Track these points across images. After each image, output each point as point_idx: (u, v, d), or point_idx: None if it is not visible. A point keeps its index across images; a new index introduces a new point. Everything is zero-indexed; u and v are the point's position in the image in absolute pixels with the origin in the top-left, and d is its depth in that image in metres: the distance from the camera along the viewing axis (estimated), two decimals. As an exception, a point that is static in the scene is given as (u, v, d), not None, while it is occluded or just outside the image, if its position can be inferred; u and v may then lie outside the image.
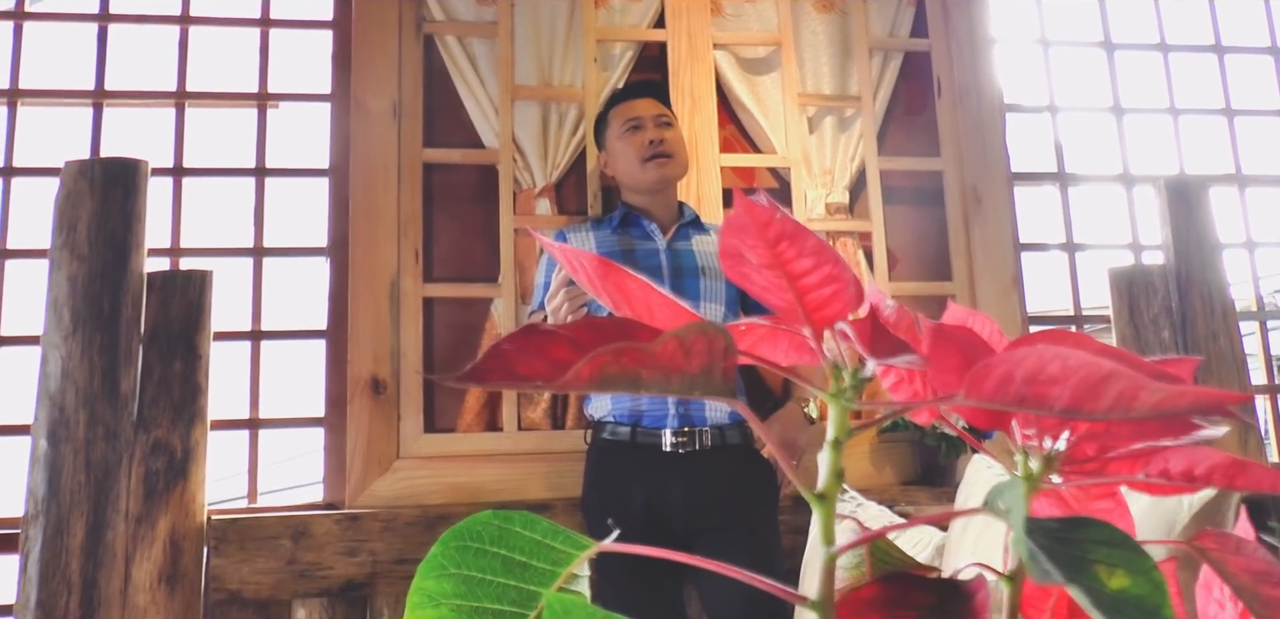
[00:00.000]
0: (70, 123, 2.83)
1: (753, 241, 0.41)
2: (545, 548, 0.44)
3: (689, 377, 0.38)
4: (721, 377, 0.38)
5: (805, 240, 0.41)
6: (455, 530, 0.45)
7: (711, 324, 0.38)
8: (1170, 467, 0.45)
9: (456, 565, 0.43)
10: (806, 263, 0.42)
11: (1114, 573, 0.32)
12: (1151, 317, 3.11)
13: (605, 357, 0.35)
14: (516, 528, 0.44)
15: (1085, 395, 0.35)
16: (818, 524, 0.43)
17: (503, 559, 0.43)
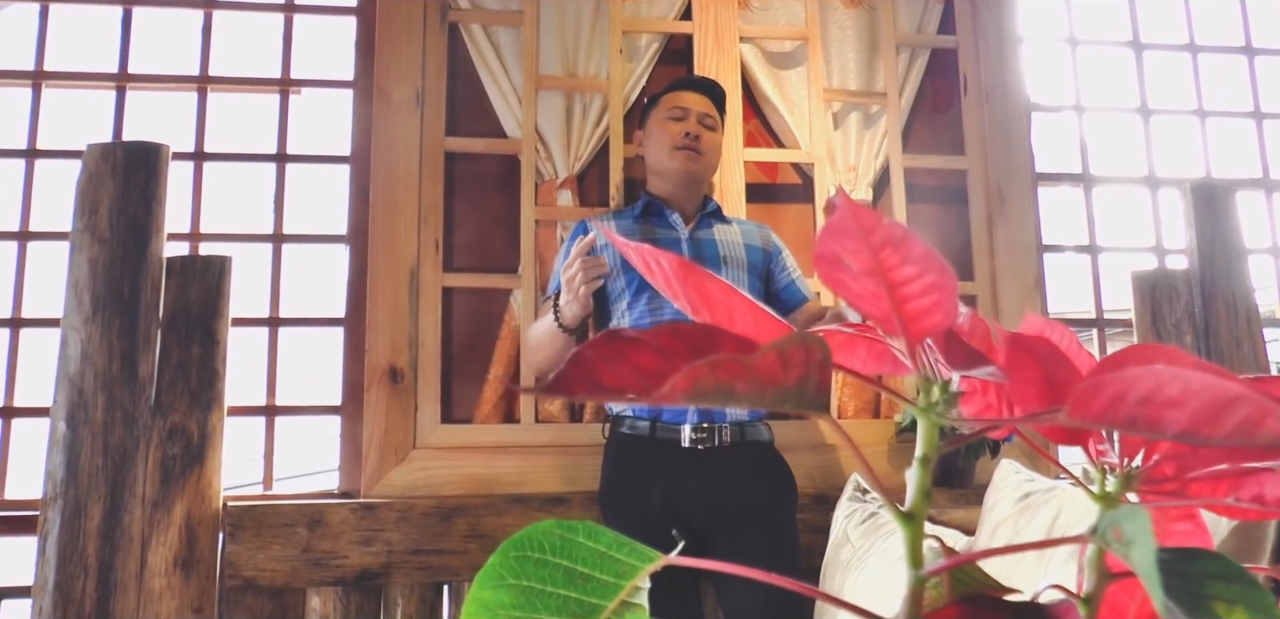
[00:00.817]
0: (93, 106, 2.83)
1: (855, 247, 0.39)
2: (609, 560, 0.42)
3: (784, 390, 0.36)
4: (815, 389, 0.37)
5: (911, 248, 0.38)
6: (516, 540, 0.43)
7: (809, 335, 0.36)
8: (1265, 492, 0.43)
9: (516, 576, 0.42)
10: (910, 271, 0.39)
11: (1233, 611, 0.31)
12: (1174, 321, 3.08)
13: (701, 370, 0.33)
14: (580, 538, 0.42)
15: (1205, 420, 0.33)
16: (907, 545, 0.41)
17: (565, 570, 0.42)
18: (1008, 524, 1.28)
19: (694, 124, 2.52)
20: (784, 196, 3.08)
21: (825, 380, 0.37)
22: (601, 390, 0.35)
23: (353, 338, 2.76)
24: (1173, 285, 3.11)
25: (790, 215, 3.05)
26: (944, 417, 0.42)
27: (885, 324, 0.42)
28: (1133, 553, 0.31)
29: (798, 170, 3.10)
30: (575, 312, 2.29)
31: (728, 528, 2.36)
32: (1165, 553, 0.34)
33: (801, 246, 3.01)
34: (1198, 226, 3.16)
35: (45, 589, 2.42)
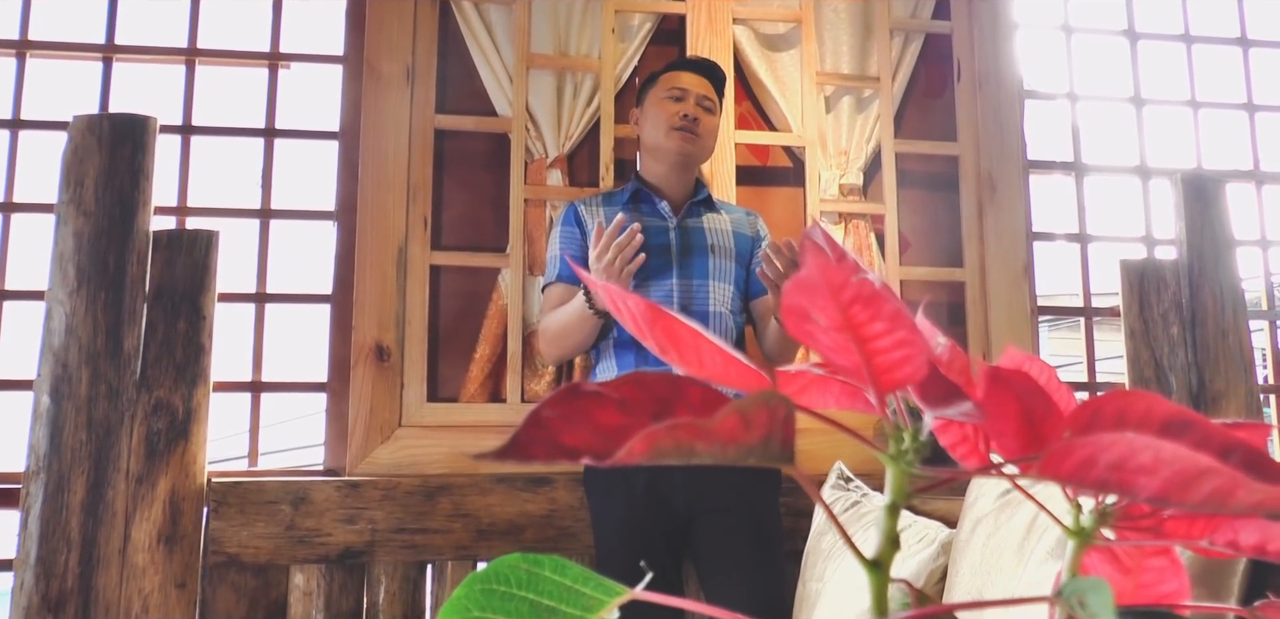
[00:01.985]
0: (79, 77, 2.80)
1: (824, 303, 0.38)
2: (575, 594, 0.42)
3: (747, 447, 0.35)
4: (780, 445, 0.36)
5: (882, 305, 0.38)
6: (482, 574, 0.43)
7: (773, 394, 0.36)
8: (1240, 539, 0.43)
9: (481, 609, 0.41)
10: (880, 327, 0.39)
11: None
12: (1161, 311, 3.09)
13: (660, 433, 0.33)
14: (546, 572, 0.42)
15: (1176, 488, 0.33)
16: (869, 593, 0.41)
17: (531, 604, 0.41)
18: (988, 520, 1.28)
19: (692, 106, 2.50)
20: (775, 180, 3.07)
21: (789, 435, 0.36)
22: (563, 452, 0.35)
23: (340, 315, 2.75)
24: (1161, 275, 3.11)
25: (781, 199, 3.04)
26: (912, 465, 0.42)
27: (855, 375, 0.42)
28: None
29: (789, 154, 3.09)
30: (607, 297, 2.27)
31: (710, 512, 2.37)
32: (1133, 613, 0.34)
33: (793, 230, 3.01)
34: (1187, 217, 3.16)
35: (27, 563, 2.41)
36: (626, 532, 2.35)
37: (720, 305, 2.46)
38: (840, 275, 0.37)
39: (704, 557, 2.39)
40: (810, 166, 3.01)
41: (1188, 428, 0.35)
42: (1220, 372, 3.07)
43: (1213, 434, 0.34)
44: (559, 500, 2.65)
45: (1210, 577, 0.98)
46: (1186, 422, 0.35)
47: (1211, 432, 0.34)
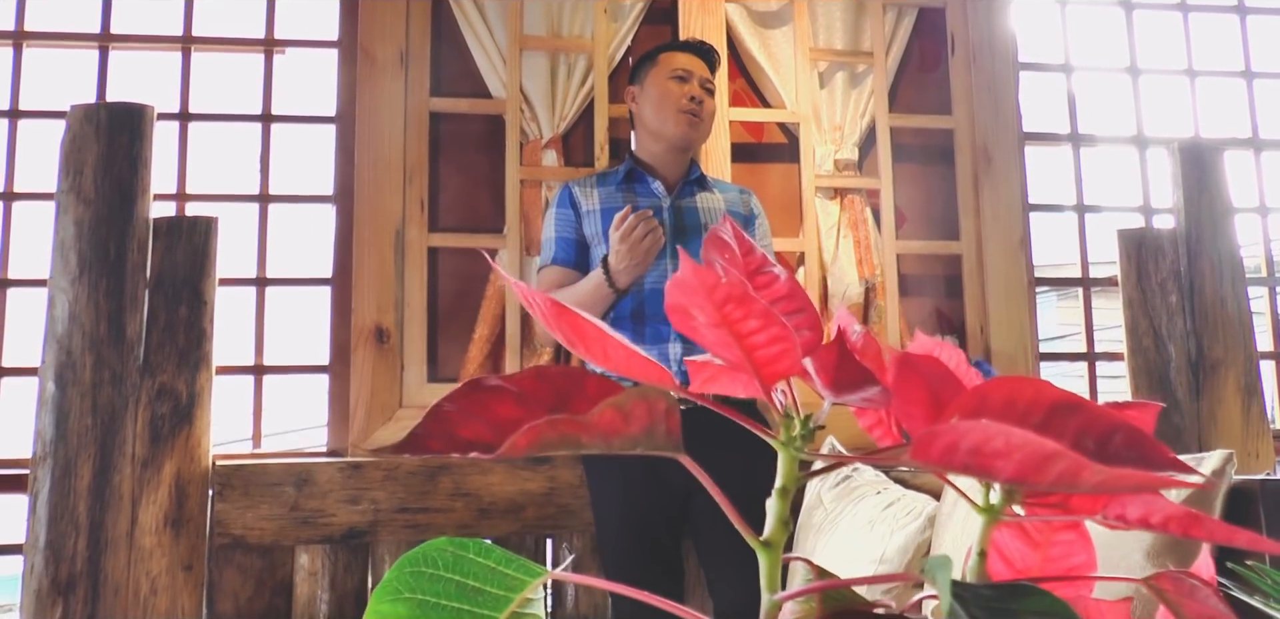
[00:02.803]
0: (76, 66, 2.82)
1: (700, 302, 0.41)
2: (499, 574, 0.44)
3: (630, 438, 0.38)
4: (664, 435, 0.38)
5: (751, 305, 0.41)
6: (411, 556, 0.45)
7: (652, 389, 0.38)
8: (1127, 513, 0.45)
9: (411, 590, 0.44)
10: (753, 324, 0.42)
11: None
12: (1159, 280, 3.09)
13: (542, 427, 0.35)
14: (471, 554, 0.44)
15: (1030, 470, 0.35)
16: (764, 571, 0.43)
17: (457, 585, 0.44)
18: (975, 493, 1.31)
19: (697, 88, 2.52)
20: (769, 156, 3.08)
21: (672, 427, 0.39)
22: (458, 445, 0.37)
23: (339, 297, 2.78)
24: (1159, 244, 3.12)
25: (775, 175, 3.05)
26: (802, 450, 0.44)
27: (739, 369, 0.44)
28: (939, 592, 0.33)
29: (784, 130, 3.10)
30: (636, 276, 2.32)
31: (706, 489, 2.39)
32: (990, 590, 0.36)
33: (788, 207, 3.03)
34: (1185, 186, 3.16)
35: (36, 547, 2.45)
36: (625, 510, 2.38)
37: None
38: (712, 277, 0.40)
39: (702, 534, 2.42)
40: (805, 142, 3.02)
41: (1074, 411, 0.36)
42: (1219, 339, 3.08)
43: (1097, 416, 0.36)
44: (559, 479, 2.68)
45: (1137, 536, 1.01)
46: (1073, 405, 0.37)
47: (1096, 414, 0.36)
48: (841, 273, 2.99)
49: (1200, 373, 3.06)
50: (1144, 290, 3.09)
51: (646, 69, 2.57)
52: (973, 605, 0.33)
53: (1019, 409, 0.37)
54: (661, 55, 2.57)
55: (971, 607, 0.33)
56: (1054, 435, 0.36)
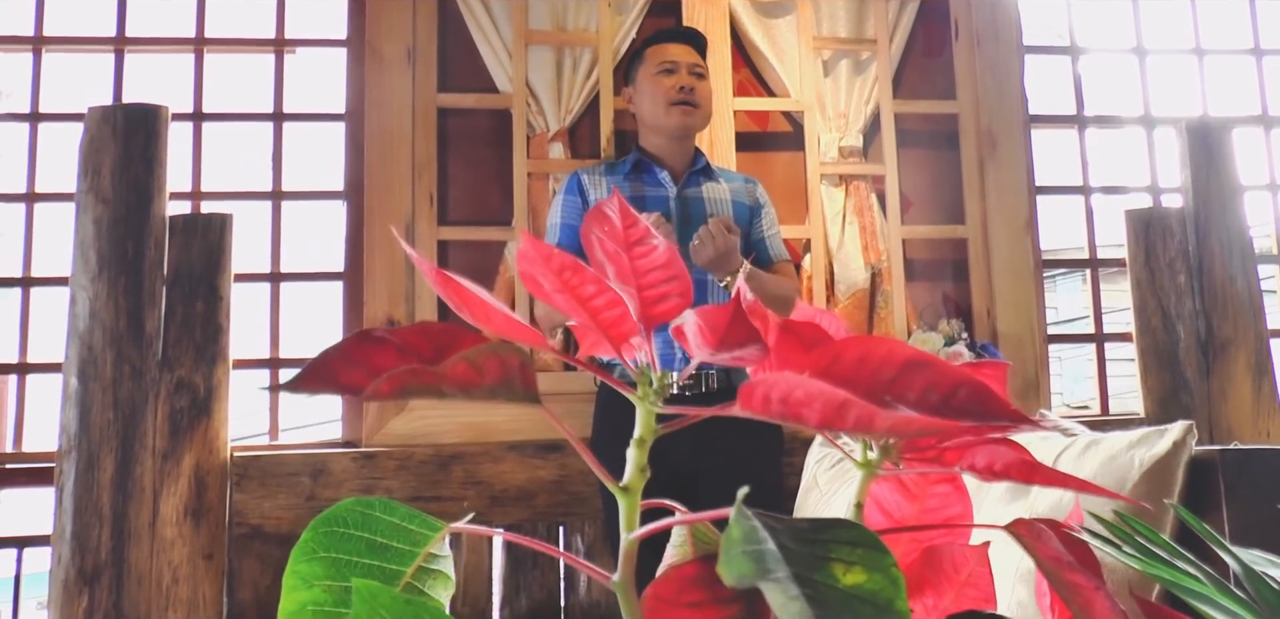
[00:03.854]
0: (93, 69, 2.89)
1: (542, 270, 0.46)
2: (404, 530, 0.48)
3: (489, 388, 0.42)
4: (522, 386, 0.43)
5: (585, 273, 0.46)
6: (324, 517, 0.49)
7: (506, 345, 0.42)
8: (976, 462, 0.49)
9: (326, 549, 0.48)
10: (591, 290, 0.46)
11: (851, 570, 0.36)
12: (1168, 260, 3.10)
13: (403, 375, 0.39)
14: (377, 513, 0.48)
15: (832, 417, 0.39)
16: (623, 513, 0.47)
17: (366, 542, 0.48)
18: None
19: (686, 76, 2.54)
20: (775, 145, 3.11)
21: (528, 379, 0.43)
22: (338, 387, 0.41)
23: (351, 291, 2.84)
24: (1167, 224, 3.12)
25: (781, 163, 3.08)
26: (656, 405, 0.48)
27: (590, 330, 0.48)
28: (732, 523, 0.37)
29: (788, 118, 3.12)
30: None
31: (713, 471, 2.43)
32: (806, 524, 0.39)
33: (794, 194, 3.05)
34: (1192, 165, 3.16)
35: (63, 538, 2.53)
36: (633, 495, 2.42)
37: None
38: (548, 249, 0.44)
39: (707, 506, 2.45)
40: (809, 130, 3.05)
41: (923, 368, 0.40)
42: (1228, 317, 3.08)
43: (944, 373, 0.40)
44: (570, 466, 2.72)
45: (1151, 486, 1.04)
46: (923, 363, 0.40)
47: (943, 371, 0.40)
48: (847, 259, 3.02)
49: (1210, 352, 3.06)
50: (1152, 270, 3.10)
51: (636, 67, 2.61)
52: (781, 534, 0.37)
53: (871, 366, 0.41)
54: (647, 51, 2.60)
55: (780, 536, 0.37)
56: (903, 388, 0.40)
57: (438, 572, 0.49)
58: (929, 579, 0.57)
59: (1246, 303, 3.10)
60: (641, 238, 0.50)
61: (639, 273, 0.50)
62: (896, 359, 0.40)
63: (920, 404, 0.39)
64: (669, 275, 0.50)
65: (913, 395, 0.40)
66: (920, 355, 0.41)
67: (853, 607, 0.33)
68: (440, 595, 0.50)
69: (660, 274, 0.50)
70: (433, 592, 0.50)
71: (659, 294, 0.51)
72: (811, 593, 0.33)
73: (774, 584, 0.33)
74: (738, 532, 0.36)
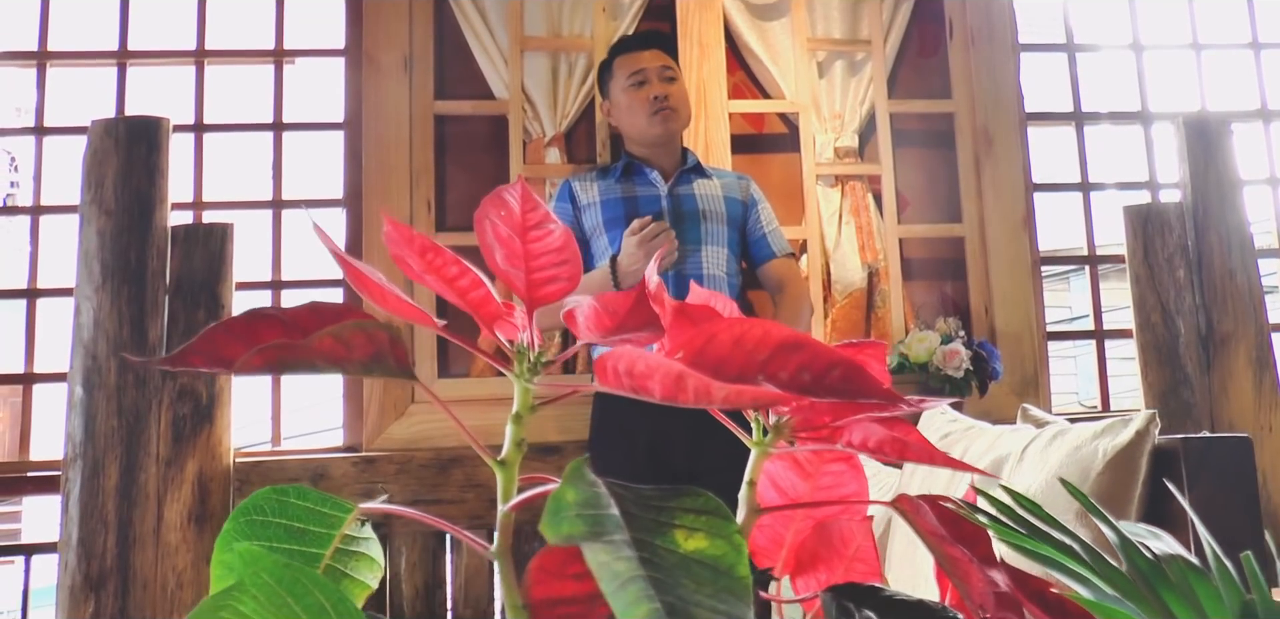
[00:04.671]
0: (96, 83, 2.94)
1: (406, 251, 0.49)
2: (319, 515, 0.50)
3: (361, 362, 0.44)
4: (394, 361, 0.45)
5: (444, 254, 0.48)
6: (243, 507, 0.51)
7: (373, 322, 0.44)
8: (853, 439, 0.51)
9: (246, 537, 0.50)
10: (453, 271, 0.49)
11: (692, 536, 0.38)
12: (1166, 255, 3.09)
13: (274, 349, 0.41)
14: (292, 499, 0.51)
15: (672, 389, 0.41)
16: (500, 487, 0.49)
17: (284, 527, 0.50)
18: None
19: (659, 84, 2.57)
20: (770, 146, 3.13)
21: (400, 354, 0.45)
22: (220, 362, 0.43)
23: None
24: (1165, 219, 3.11)
25: (777, 164, 3.10)
26: (530, 381, 0.50)
27: (461, 307, 0.51)
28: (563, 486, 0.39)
29: (784, 120, 3.14)
30: (639, 278, 2.40)
31: (710, 470, 2.45)
32: (654, 493, 0.41)
33: (790, 195, 3.07)
34: (1191, 160, 3.15)
35: (69, 544, 2.57)
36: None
37: (714, 268, 2.54)
38: (409, 232, 0.46)
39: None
40: (804, 131, 3.06)
41: (797, 349, 0.42)
42: (1228, 312, 3.07)
43: (818, 354, 0.42)
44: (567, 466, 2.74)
45: (1116, 476, 1.05)
46: (797, 344, 0.42)
47: (817, 352, 0.42)
48: (844, 259, 3.03)
49: (1210, 347, 3.06)
50: (1151, 266, 3.09)
51: (608, 81, 2.65)
52: (628, 500, 0.39)
53: (748, 346, 0.43)
54: (615, 63, 2.63)
55: (626, 501, 0.39)
56: (777, 367, 0.42)
57: (360, 554, 0.52)
58: (821, 554, 0.59)
59: (1247, 297, 3.09)
60: (539, 222, 0.53)
61: (531, 255, 0.53)
62: (772, 340, 0.42)
63: (793, 382, 0.41)
64: (561, 260, 0.52)
65: (785, 374, 0.42)
66: (795, 337, 0.43)
67: (691, 570, 0.35)
68: (365, 576, 0.52)
69: (553, 257, 0.53)
70: (356, 572, 0.52)
71: (548, 276, 0.53)
72: (648, 556, 0.35)
73: (600, 545, 0.35)
74: (573, 495, 0.38)
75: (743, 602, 0.34)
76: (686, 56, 2.97)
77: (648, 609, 0.31)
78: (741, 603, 0.33)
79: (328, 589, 0.41)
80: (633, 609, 0.30)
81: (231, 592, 0.40)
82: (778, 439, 0.54)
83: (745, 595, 0.34)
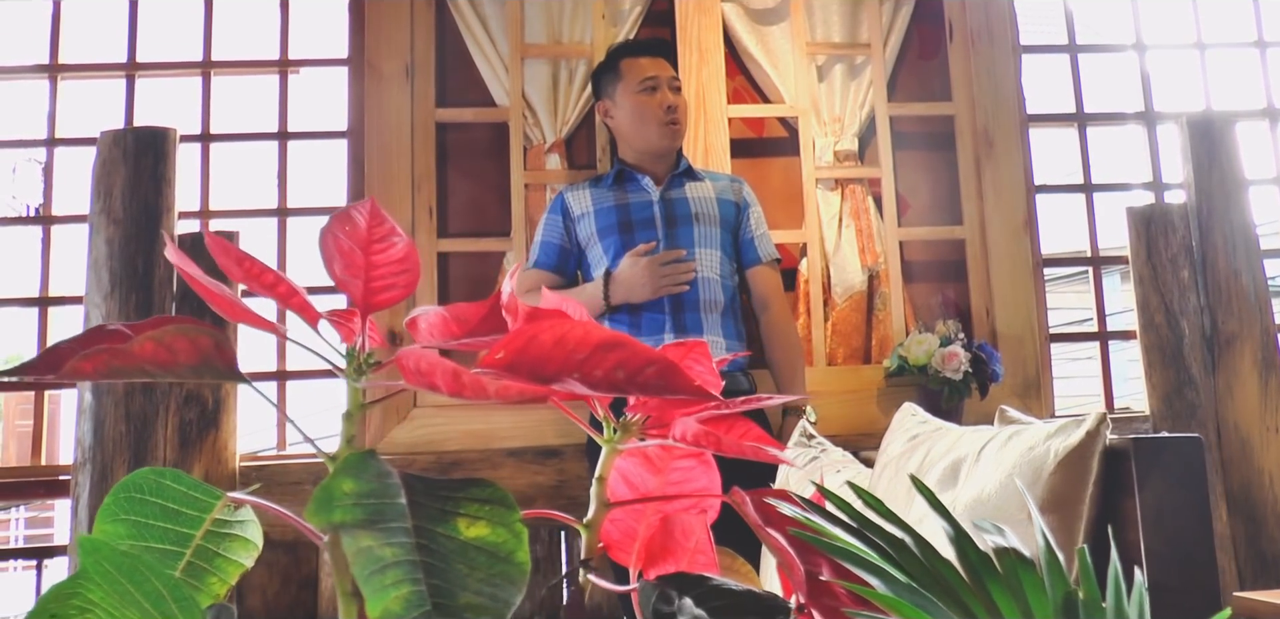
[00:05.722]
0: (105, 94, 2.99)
1: (235, 272, 0.52)
2: (192, 498, 0.54)
3: (190, 368, 0.47)
4: (223, 364, 0.48)
5: (261, 264, 0.52)
6: (123, 484, 0.54)
7: (196, 327, 0.47)
8: (675, 434, 0.54)
9: (126, 512, 0.53)
10: (272, 278, 0.52)
11: (474, 524, 0.40)
12: (1170, 256, 3.08)
13: (103, 356, 0.44)
14: (168, 481, 0.54)
15: (452, 385, 0.44)
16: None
17: (160, 507, 0.53)
18: (897, 461, 1.37)
19: (669, 94, 2.61)
20: (770, 150, 3.14)
21: (226, 357, 0.48)
22: (61, 371, 0.46)
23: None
24: (1169, 219, 3.11)
25: (776, 168, 3.11)
26: (359, 381, 0.53)
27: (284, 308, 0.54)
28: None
29: (783, 124, 3.15)
30: (635, 298, 2.47)
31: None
32: (444, 484, 0.44)
33: (790, 198, 3.08)
34: (1195, 159, 3.15)
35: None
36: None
37: (707, 271, 2.56)
38: (238, 253, 0.50)
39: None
40: (804, 135, 3.08)
41: (614, 348, 0.45)
42: (1233, 313, 3.06)
43: (634, 353, 0.44)
44: (567, 471, 2.78)
45: (1067, 475, 1.06)
46: (614, 344, 0.45)
47: (633, 351, 0.45)
48: (844, 262, 3.04)
49: (1215, 348, 3.04)
50: (1154, 266, 3.09)
51: (612, 82, 2.66)
52: (418, 490, 0.41)
53: (568, 346, 0.45)
54: (622, 65, 2.65)
55: (417, 493, 0.41)
56: (594, 366, 0.44)
57: (235, 536, 0.55)
58: (668, 547, 0.61)
59: (1252, 298, 3.08)
60: (385, 237, 0.55)
61: (373, 266, 0.56)
62: (590, 341, 0.45)
63: (607, 380, 0.44)
64: (401, 269, 0.55)
65: (600, 372, 0.44)
66: (613, 338, 0.45)
67: (467, 555, 0.37)
68: (240, 556, 0.55)
69: (394, 267, 0.56)
70: (231, 553, 0.55)
71: (386, 284, 0.56)
72: (426, 542, 0.37)
73: (369, 533, 0.37)
74: (351, 485, 0.40)
75: (515, 585, 0.36)
76: (686, 61, 2.99)
77: (400, 594, 0.33)
78: (513, 587, 0.36)
79: (164, 577, 0.43)
80: (381, 595, 0.33)
81: (77, 580, 0.42)
82: (627, 437, 0.56)
83: (519, 579, 0.36)
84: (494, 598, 0.34)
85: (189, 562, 0.53)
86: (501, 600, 0.34)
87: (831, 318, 3.02)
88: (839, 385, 2.94)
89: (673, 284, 2.46)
